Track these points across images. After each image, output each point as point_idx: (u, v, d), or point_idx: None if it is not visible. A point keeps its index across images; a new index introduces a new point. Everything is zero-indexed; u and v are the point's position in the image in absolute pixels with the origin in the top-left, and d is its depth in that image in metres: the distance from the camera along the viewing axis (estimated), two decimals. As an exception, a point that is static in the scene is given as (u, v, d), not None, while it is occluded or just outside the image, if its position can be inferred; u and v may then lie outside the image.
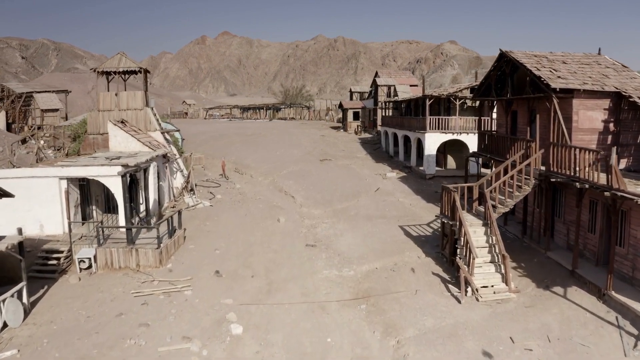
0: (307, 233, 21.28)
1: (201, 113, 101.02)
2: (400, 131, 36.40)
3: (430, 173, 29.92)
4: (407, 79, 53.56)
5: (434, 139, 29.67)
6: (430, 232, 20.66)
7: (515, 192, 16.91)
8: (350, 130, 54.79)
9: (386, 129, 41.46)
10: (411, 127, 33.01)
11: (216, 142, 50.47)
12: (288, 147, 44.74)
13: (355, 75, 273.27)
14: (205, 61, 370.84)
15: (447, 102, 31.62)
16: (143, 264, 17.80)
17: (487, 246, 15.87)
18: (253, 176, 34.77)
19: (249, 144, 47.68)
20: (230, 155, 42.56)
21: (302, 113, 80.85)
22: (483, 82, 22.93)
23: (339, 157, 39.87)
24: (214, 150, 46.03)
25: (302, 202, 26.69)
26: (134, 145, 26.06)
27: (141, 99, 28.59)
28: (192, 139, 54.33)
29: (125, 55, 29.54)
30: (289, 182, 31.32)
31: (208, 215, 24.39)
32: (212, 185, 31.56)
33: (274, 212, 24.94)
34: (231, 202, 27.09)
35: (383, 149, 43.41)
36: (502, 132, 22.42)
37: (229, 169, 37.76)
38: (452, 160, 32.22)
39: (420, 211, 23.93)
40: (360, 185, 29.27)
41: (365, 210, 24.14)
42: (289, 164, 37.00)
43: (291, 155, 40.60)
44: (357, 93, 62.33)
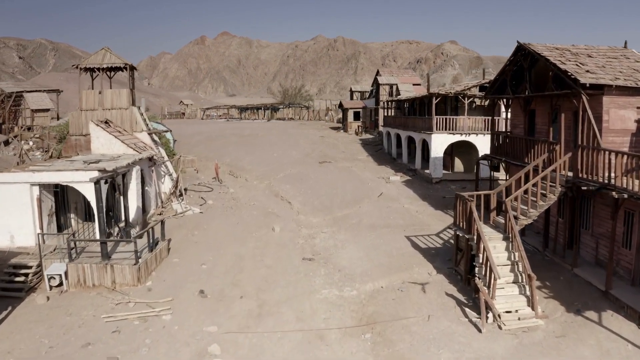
0: (305, 244, 19.31)
1: (198, 113, 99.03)
2: (403, 132, 34.45)
3: (437, 177, 27.95)
4: (409, 77, 51.59)
5: (440, 140, 27.71)
6: (441, 244, 18.69)
7: (540, 202, 14.94)
8: (351, 130, 52.82)
9: (388, 129, 39.50)
10: (416, 127, 31.05)
11: (211, 143, 48.49)
12: (286, 148, 42.76)
13: (355, 76, 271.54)
14: (204, 61, 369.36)
15: (454, 101, 29.66)
16: (119, 282, 15.83)
17: (509, 264, 13.90)
18: (248, 180, 32.78)
19: (245, 145, 45.70)
20: (225, 157, 40.60)
21: (301, 113, 78.86)
22: (497, 79, 20.97)
23: (339, 159, 37.90)
24: (209, 151, 44.06)
25: (300, 209, 24.72)
26: (117, 148, 24.11)
27: (127, 97, 26.61)
28: (186, 139, 52.38)
29: (110, 50, 27.58)
30: (285, 187, 29.35)
31: (197, 224, 22.42)
32: (204, 189, 29.59)
33: (268, 219, 22.97)
34: (223, 209, 25.12)
35: (385, 151, 41.45)
36: (518, 133, 20.47)
37: (223, 172, 35.79)
38: (459, 162, 30.24)
39: (428, 219, 21.96)
40: (362, 190, 27.31)
41: (368, 218, 22.17)
42: (286, 167, 35.03)
43: (289, 157, 38.62)
44: (357, 92, 60.34)
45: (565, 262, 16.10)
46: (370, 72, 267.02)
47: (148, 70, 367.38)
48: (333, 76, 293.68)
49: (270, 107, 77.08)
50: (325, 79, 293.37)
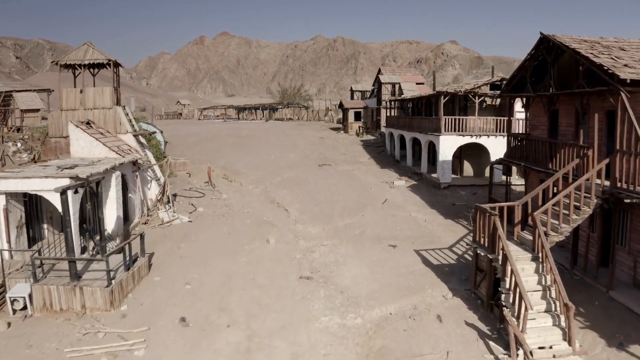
0: (302, 259, 17.33)
1: (196, 114, 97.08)
2: (408, 133, 32.48)
3: (446, 182, 25.97)
4: (412, 76, 49.61)
5: (449, 142, 25.73)
6: (455, 260, 16.70)
7: (572, 215, 12.95)
8: (351, 131, 50.85)
9: (391, 130, 37.54)
10: (422, 128, 29.08)
11: (206, 145, 46.51)
12: (283, 150, 40.79)
13: (354, 76, 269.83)
14: (203, 61, 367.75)
15: (463, 101, 27.70)
16: (90, 306, 13.84)
17: (540, 289, 11.93)
18: (243, 184, 30.80)
19: (241, 147, 43.72)
20: (220, 159, 38.61)
21: (300, 113, 76.87)
22: (515, 75, 18.98)
23: (340, 161, 35.93)
24: (203, 153, 42.07)
25: (297, 217, 22.73)
26: (99, 151, 22.12)
27: (110, 96, 24.62)
28: (181, 141, 50.41)
29: (93, 45, 25.61)
30: (282, 192, 27.37)
31: (185, 234, 20.44)
32: (196, 195, 27.61)
33: (263, 229, 20.99)
34: (214, 217, 23.14)
35: (388, 153, 39.48)
36: (539, 135, 18.50)
37: (217, 175, 33.81)
38: (469, 166, 28.28)
39: (438, 229, 19.97)
40: (365, 196, 25.32)
41: (372, 229, 20.18)
42: (283, 170, 33.05)
43: (287, 160, 36.65)
44: (358, 92, 58.36)
45: (598, 282, 14.13)
46: (370, 72, 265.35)
47: (147, 70, 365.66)
48: (333, 76, 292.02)
49: (269, 107, 75.07)
50: (325, 79, 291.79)
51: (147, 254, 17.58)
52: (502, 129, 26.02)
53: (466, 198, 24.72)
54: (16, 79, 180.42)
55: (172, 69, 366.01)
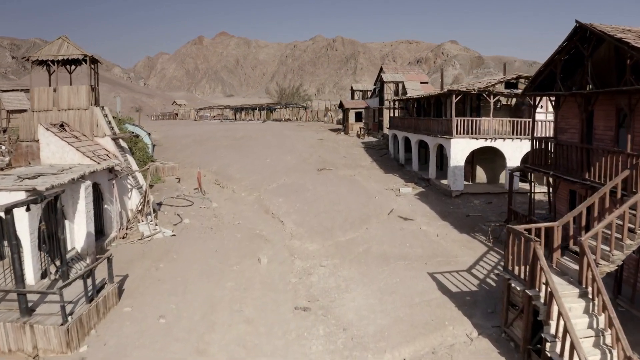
0: (298, 284, 14.99)
1: (192, 114, 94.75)
2: (414, 135, 30.14)
3: (458, 190, 23.61)
4: (416, 75, 47.28)
5: (462, 146, 23.38)
6: (476, 285, 14.36)
7: (627, 240, 10.63)
8: (352, 133, 48.52)
9: (395, 132, 35.21)
10: (430, 130, 26.74)
11: (199, 147, 44.16)
12: (280, 153, 38.46)
13: (354, 76, 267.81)
14: (202, 62, 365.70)
15: (476, 100, 25.35)
16: (42, 347, 11.50)
17: (592, 334, 9.59)
18: (235, 191, 28.46)
19: (236, 150, 41.39)
20: (212, 163, 36.28)
21: (299, 114, 74.50)
22: (541, 71, 16.63)
23: (340, 165, 33.60)
24: (196, 156, 39.74)
25: (294, 230, 20.38)
26: (71, 157, 19.79)
27: (86, 95, 22.29)
28: (174, 142, 48.09)
29: (68, 39, 23.27)
30: (278, 200, 25.02)
31: (166, 251, 18.10)
32: (183, 203, 25.28)
33: (255, 245, 18.65)
34: (201, 230, 20.80)
35: (391, 156, 37.16)
36: (569, 140, 16.18)
37: (208, 181, 31.48)
38: (481, 172, 25.93)
39: (453, 246, 17.63)
40: (369, 206, 22.98)
41: (378, 245, 17.84)
42: (280, 175, 30.71)
43: (283, 164, 34.32)
44: (358, 92, 56.01)
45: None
46: (370, 73, 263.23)
47: (145, 70, 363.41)
48: (332, 76, 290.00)
49: (266, 107, 72.67)
50: (324, 79, 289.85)
51: (120, 277, 15.29)
52: (519, 131, 23.71)
53: (481, 208, 22.39)
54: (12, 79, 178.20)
55: (171, 69, 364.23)
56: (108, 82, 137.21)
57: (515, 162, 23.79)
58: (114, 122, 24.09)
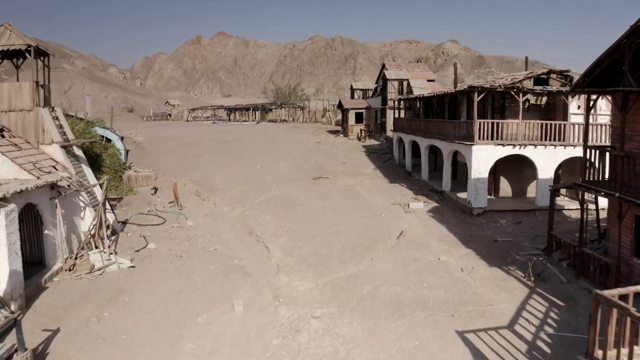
0: (281, 348, 11.03)
1: (185, 114, 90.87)
2: (423, 139, 26.21)
3: (480, 206, 19.67)
4: (422, 72, 43.37)
5: (485, 153, 19.45)
6: (525, 352, 10.40)
7: None
8: (352, 135, 44.60)
9: (401, 135, 31.30)
10: (443, 134, 22.82)
11: (185, 151, 40.24)
12: (273, 158, 34.55)
13: (353, 76, 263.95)
14: (200, 62, 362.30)
15: (500, 99, 21.39)
16: None
17: None
18: (217, 204, 24.54)
19: (223, 154, 37.48)
20: (195, 170, 32.36)
21: (296, 114, 70.53)
22: (600, 61, 12.68)
23: (339, 173, 29.67)
24: (179, 162, 35.82)
25: (281, 261, 16.44)
26: (6, 170, 15.87)
27: (29, 93, 18.36)
28: (157, 146, 44.15)
29: (12, 27, 19.27)
30: (265, 218, 21.08)
31: (117, 292, 14.16)
32: (154, 221, 21.37)
33: (230, 283, 14.71)
34: (168, 259, 16.86)
35: (396, 162, 33.25)
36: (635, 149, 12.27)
37: (188, 192, 27.59)
38: (506, 184, 21.98)
39: (484, 287, 13.68)
40: (374, 226, 19.04)
41: (387, 285, 13.88)
42: (270, 185, 26.79)
43: (275, 171, 30.40)
44: (359, 91, 52.09)
45: None
46: (369, 72, 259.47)
47: (143, 70, 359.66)
48: (331, 76, 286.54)
49: (261, 107, 68.71)
50: (323, 79, 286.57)
51: (48, 331, 11.39)
52: (552, 136, 19.80)
53: (510, 230, 18.46)
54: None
55: (169, 69, 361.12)
56: (100, 82, 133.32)
57: (547, 174, 19.89)
58: (68, 126, 20.13)
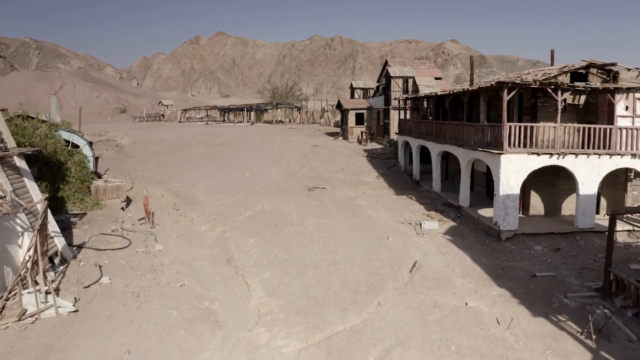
0: None
1: (178, 115, 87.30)
2: (435, 145, 22.69)
3: (510, 229, 16.09)
4: (428, 69, 39.80)
5: (517, 164, 15.88)
6: None
7: None
8: (352, 138, 41.04)
9: (407, 138, 27.76)
10: (461, 139, 19.27)
11: (169, 156, 36.71)
12: (264, 164, 31.02)
13: (352, 76, 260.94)
14: (198, 62, 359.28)
15: (531, 98, 17.80)
16: None
17: None
18: (195, 221, 20.99)
19: (210, 160, 33.94)
20: (176, 178, 28.82)
21: (292, 115, 66.94)
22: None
23: (338, 182, 26.13)
24: (161, 169, 32.29)
25: (263, 305, 12.85)
26: None
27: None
28: (141, 150, 40.62)
29: None
30: (248, 241, 17.52)
31: (45, 351, 10.64)
32: (116, 244, 17.82)
33: (193, 340, 11.14)
34: (122, 298, 13.31)
35: (402, 168, 29.70)
36: None
37: (165, 205, 24.08)
38: (537, 199, 18.36)
39: (530, 350, 10.12)
40: (380, 254, 15.49)
41: (402, 348, 10.31)
42: (258, 197, 23.25)
43: (265, 180, 26.86)
44: (359, 90, 48.52)
45: None
46: (369, 72, 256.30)
47: (141, 71, 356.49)
48: (330, 76, 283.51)
49: (256, 107, 65.11)
50: (322, 79, 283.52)
51: None
52: (597, 143, 16.25)
53: (549, 261, 14.90)
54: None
55: (167, 70, 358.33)
56: (93, 82, 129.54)
57: (590, 189, 16.35)
58: (8, 132, 16.55)
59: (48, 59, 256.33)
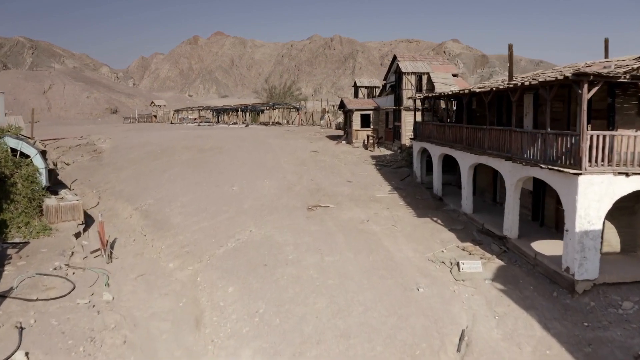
0: None
1: (171, 116, 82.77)
2: (466, 155, 18.19)
3: (589, 278, 11.58)
4: (442, 65, 35.29)
5: (601, 189, 11.31)
6: None
7: None
8: (357, 142, 36.53)
9: (426, 145, 23.27)
10: (508, 149, 14.78)
11: (149, 164, 32.17)
12: (257, 174, 26.51)
13: (352, 76, 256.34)
14: (196, 62, 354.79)
15: (606, 97, 13.29)
16: None
17: None
18: (163, 254, 16.46)
19: (196, 168, 29.40)
20: (152, 192, 24.31)
21: (290, 116, 62.37)
22: None
23: (344, 198, 21.62)
24: (136, 180, 27.77)
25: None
26: None
27: None
28: (120, 156, 36.09)
29: None
30: (226, 291, 12.97)
31: None
32: (52, 292, 13.31)
33: None
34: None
35: (417, 179, 25.19)
36: None
37: (132, 228, 19.64)
38: (612, 231, 13.85)
39: None
40: (410, 317, 10.96)
41: None
42: (245, 220, 18.72)
43: (256, 195, 22.34)
44: (364, 88, 43.99)
45: None
46: (369, 72, 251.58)
47: (139, 71, 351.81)
48: (329, 76, 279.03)
49: (251, 108, 60.49)
50: (322, 79, 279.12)
51: None
52: None
53: (657, 330, 10.39)
54: None
55: (165, 70, 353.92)
56: (84, 82, 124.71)
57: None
58: None
59: (42, 58, 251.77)
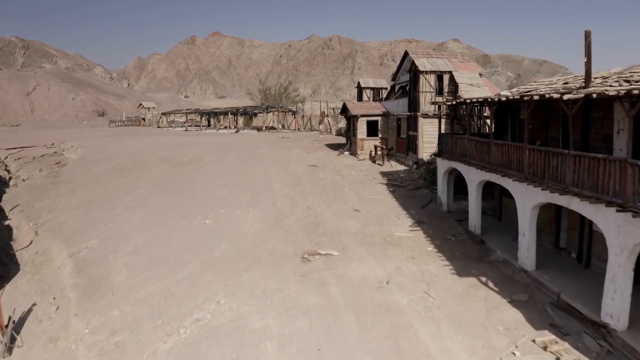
0: None
1: (159, 119, 77.19)
2: (531, 190, 12.67)
3: None
4: (463, 63, 29.74)
5: None
6: None
7: None
8: (363, 154, 30.94)
9: (458, 165, 17.72)
10: (609, 191, 9.31)
11: (111, 183, 26.57)
12: (239, 199, 20.94)
13: (352, 76, 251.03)
14: (193, 62, 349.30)
15: None
16: None
17: None
18: (82, 345, 10.85)
19: (164, 190, 23.82)
20: (100, 228, 18.68)
21: (287, 120, 56.70)
22: None
23: (351, 239, 16.04)
24: (88, 206, 22.18)
25: None
26: None
27: None
28: (83, 170, 30.43)
29: None
30: None
31: None
32: None
33: None
34: None
35: (443, 208, 19.62)
36: None
37: (60, 286, 14.09)
38: None
39: None
40: None
41: None
42: (213, 281, 13.12)
43: (235, 234, 16.75)
44: (369, 90, 38.39)
45: None
46: (368, 72, 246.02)
47: (136, 71, 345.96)
48: (328, 76, 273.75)
49: (243, 111, 54.82)
50: (320, 80, 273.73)
51: None
52: None
53: None
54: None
55: (162, 70, 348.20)
56: (71, 82, 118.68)
57: None
58: None
59: (34, 58, 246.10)
